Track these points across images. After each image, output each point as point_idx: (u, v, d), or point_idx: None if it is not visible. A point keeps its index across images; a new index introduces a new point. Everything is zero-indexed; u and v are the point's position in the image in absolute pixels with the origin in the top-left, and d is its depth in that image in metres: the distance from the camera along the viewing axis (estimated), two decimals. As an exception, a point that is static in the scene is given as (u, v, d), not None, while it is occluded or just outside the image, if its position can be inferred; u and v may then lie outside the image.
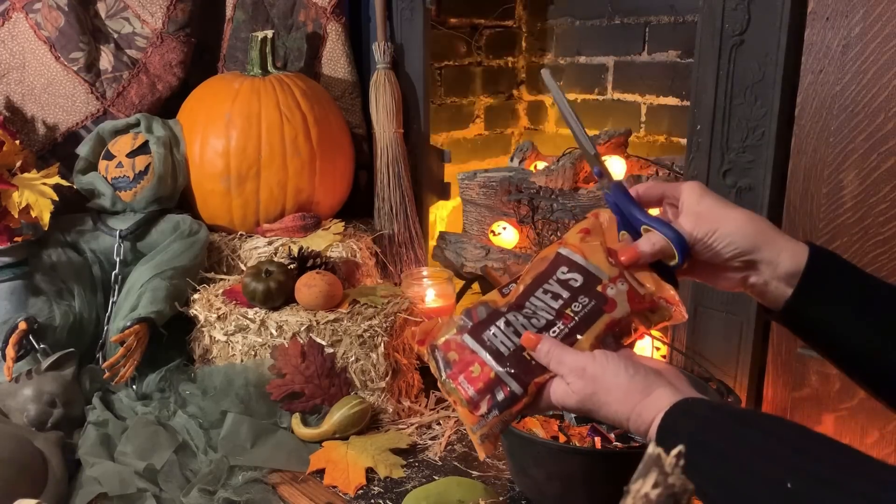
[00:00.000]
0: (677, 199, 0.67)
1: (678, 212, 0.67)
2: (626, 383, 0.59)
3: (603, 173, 0.70)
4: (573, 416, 1.05)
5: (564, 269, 0.67)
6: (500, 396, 0.65)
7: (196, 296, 1.30)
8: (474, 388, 0.65)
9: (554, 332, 0.65)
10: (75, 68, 1.45)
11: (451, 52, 1.86)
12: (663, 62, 1.68)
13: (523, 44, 2.00)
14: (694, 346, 1.16)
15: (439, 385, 0.69)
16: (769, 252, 0.63)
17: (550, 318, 0.66)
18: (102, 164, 1.42)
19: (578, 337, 0.65)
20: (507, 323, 0.67)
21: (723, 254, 0.64)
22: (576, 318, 0.65)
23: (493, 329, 0.67)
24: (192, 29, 1.55)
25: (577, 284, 0.66)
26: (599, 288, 0.65)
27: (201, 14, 1.58)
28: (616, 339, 0.65)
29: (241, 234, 1.49)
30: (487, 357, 0.66)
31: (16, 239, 1.28)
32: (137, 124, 1.45)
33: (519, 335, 0.66)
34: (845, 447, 0.50)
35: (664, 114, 1.71)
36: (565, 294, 0.66)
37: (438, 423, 1.23)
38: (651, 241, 0.65)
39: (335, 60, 1.65)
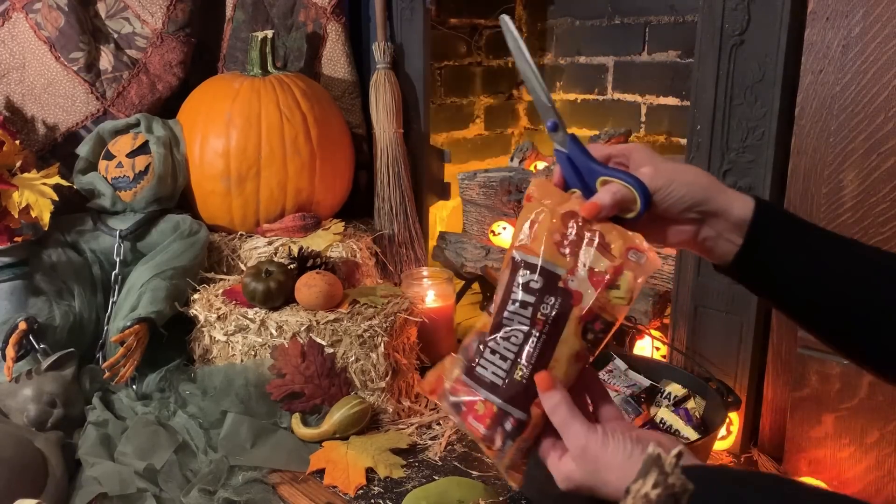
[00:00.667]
0: (626, 158, 0.68)
1: (630, 169, 0.67)
2: (626, 462, 0.59)
3: (559, 126, 0.68)
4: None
5: (524, 272, 0.65)
6: (509, 427, 0.64)
7: (196, 296, 1.30)
8: (483, 425, 0.65)
9: (532, 342, 0.64)
10: (75, 68, 1.45)
11: (451, 52, 1.86)
12: (663, 62, 1.68)
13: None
14: (694, 346, 1.16)
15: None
16: (722, 202, 0.64)
17: (526, 328, 0.64)
18: (102, 164, 1.42)
19: (557, 340, 0.64)
20: (493, 351, 0.65)
21: (678, 205, 0.64)
22: (547, 321, 0.63)
23: (481, 361, 0.66)
24: (192, 29, 1.55)
25: (539, 286, 0.64)
26: (561, 284, 0.64)
27: (201, 14, 1.58)
28: (595, 333, 0.64)
29: (241, 234, 1.49)
30: (485, 393, 0.65)
31: (16, 239, 1.28)
32: (137, 124, 1.45)
33: (507, 359, 0.64)
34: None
35: (664, 114, 1.71)
36: (531, 299, 0.64)
37: (438, 423, 1.23)
38: (611, 191, 0.64)
39: (335, 60, 1.65)
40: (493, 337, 0.66)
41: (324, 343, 1.20)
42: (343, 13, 1.64)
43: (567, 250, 0.64)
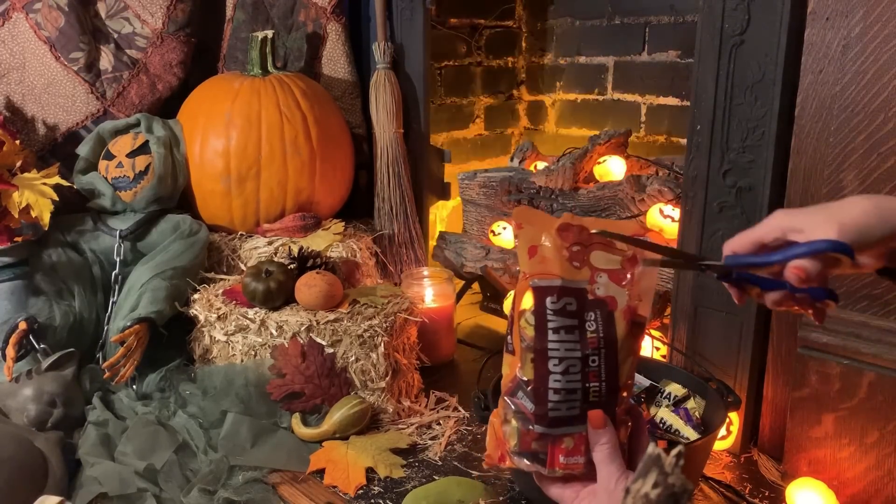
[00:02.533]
0: (791, 232, 0.62)
1: (799, 239, 0.62)
2: None
3: (722, 269, 0.64)
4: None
5: (552, 298, 0.62)
6: None
7: (196, 296, 1.30)
8: (581, 454, 0.62)
9: (593, 362, 0.61)
10: (75, 68, 1.45)
11: (451, 52, 1.86)
12: (663, 62, 1.68)
13: (523, 44, 2.00)
14: (694, 346, 1.16)
15: (547, 475, 0.65)
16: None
17: (579, 353, 0.61)
18: (102, 164, 1.42)
19: (616, 350, 0.62)
20: (556, 391, 0.61)
21: (878, 240, 0.61)
22: (599, 336, 0.62)
23: (549, 405, 0.61)
24: (192, 29, 1.55)
25: (575, 306, 0.62)
26: (590, 296, 0.63)
27: (201, 14, 1.58)
28: (640, 327, 0.63)
29: (241, 234, 1.49)
30: (568, 428, 0.62)
31: (16, 239, 1.28)
32: (137, 124, 1.45)
33: (575, 391, 0.61)
34: None
35: (664, 114, 1.71)
36: (573, 322, 0.62)
37: (438, 423, 1.23)
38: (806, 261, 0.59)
39: (335, 60, 1.65)
40: (546, 378, 0.61)
41: (324, 343, 1.20)
42: (343, 13, 1.64)
43: (578, 262, 0.63)
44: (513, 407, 0.63)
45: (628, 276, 0.63)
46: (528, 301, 0.63)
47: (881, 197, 0.63)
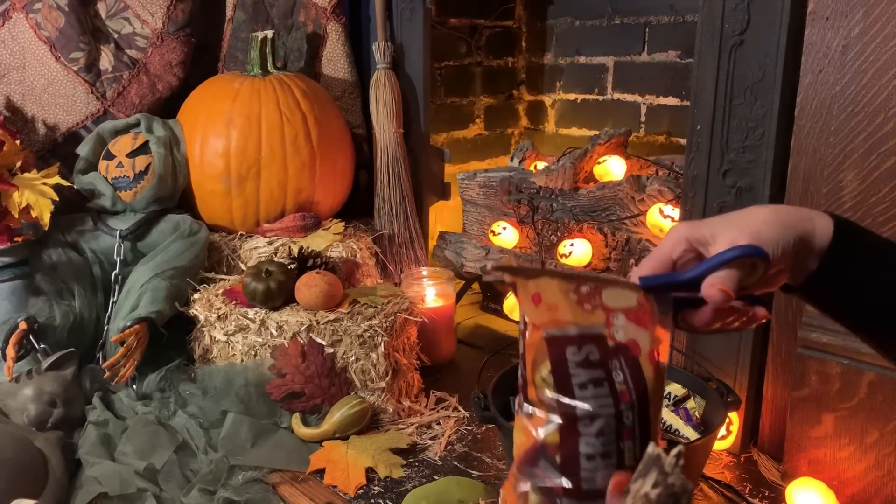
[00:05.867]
0: (699, 246, 0.60)
1: (708, 251, 0.59)
2: None
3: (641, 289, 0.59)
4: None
5: (571, 349, 0.54)
6: None
7: (196, 296, 1.30)
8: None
9: (628, 418, 0.54)
10: (75, 68, 1.45)
11: (451, 52, 1.86)
12: (663, 62, 1.68)
13: (523, 44, 2.00)
14: (694, 346, 1.16)
15: None
16: (808, 229, 0.59)
17: (611, 409, 0.54)
18: (103, 164, 1.42)
19: (648, 402, 0.55)
20: (589, 457, 0.53)
21: (785, 250, 0.58)
22: (629, 387, 0.54)
23: (582, 474, 0.54)
24: (192, 29, 1.55)
25: (598, 355, 0.54)
26: (610, 342, 0.55)
27: (201, 14, 1.58)
28: (661, 370, 0.57)
29: (241, 234, 1.49)
30: (606, 500, 0.53)
31: (16, 239, 1.28)
32: (138, 124, 1.45)
33: (607, 454, 0.54)
34: None
35: (664, 114, 1.71)
36: (599, 374, 0.54)
37: (438, 423, 1.23)
38: (722, 274, 0.56)
39: (335, 60, 1.65)
40: (576, 443, 0.54)
41: (324, 343, 1.20)
42: (343, 13, 1.64)
43: (589, 304, 0.56)
44: (533, 480, 0.55)
45: (642, 309, 0.56)
46: (543, 356, 0.55)
47: (779, 206, 0.61)
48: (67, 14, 1.42)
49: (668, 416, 1.05)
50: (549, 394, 0.54)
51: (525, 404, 0.56)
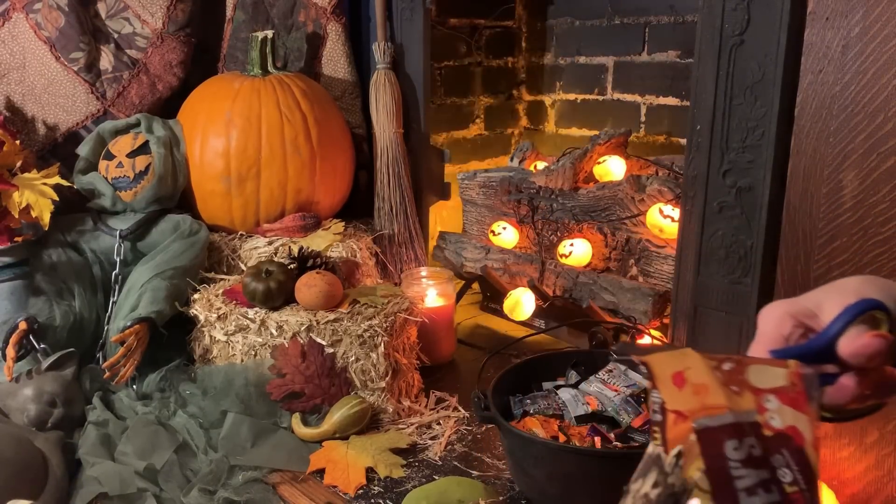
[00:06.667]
0: (808, 318, 0.54)
1: (817, 321, 0.53)
2: None
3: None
4: (573, 415, 1.05)
5: (731, 442, 0.45)
6: None
7: (196, 296, 1.30)
8: None
9: None
10: (75, 68, 1.45)
11: (451, 52, 1.86)
12: (663, 62, 1.68)
13: (523, 44, 2.00)
14: (694, 346, 1.15)
15: None
16: None
17: None
18: (103, 164, 1.42)
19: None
20: None
21: None
22: (801, 488, 0.45)
23: None
24: (192, 29, 1.55)
25: (760, 450, 0.45)
26: (766, 431, 0.46)
27: (201, 14, 1.58)
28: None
29: (241, 234, 1.49)
30: None
31: (16, 239, 1.28)
32: (138, 124, 1.45)
33: None
34: None
35: (664, 114, 1.71)
36: (766, 474, 0.44)
37: (438, 423, 1.23)
38: (865, 335, 0.49)
39: (335, 60, 1.65)
40: None
41: (324, 343, 1.20)
42: (343, 13, 1.64)
43: (735, 386, 0.47)
44: None
45: (796, 389, 0.47)
46: (693, 453, 0.45)
47: (864, 276, 0.56)
48: (67, 14, 1.42)
49: (668, 416, 1.04)
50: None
51: None
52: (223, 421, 1.13)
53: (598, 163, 1.51)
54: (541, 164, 1.65)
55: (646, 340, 1.30)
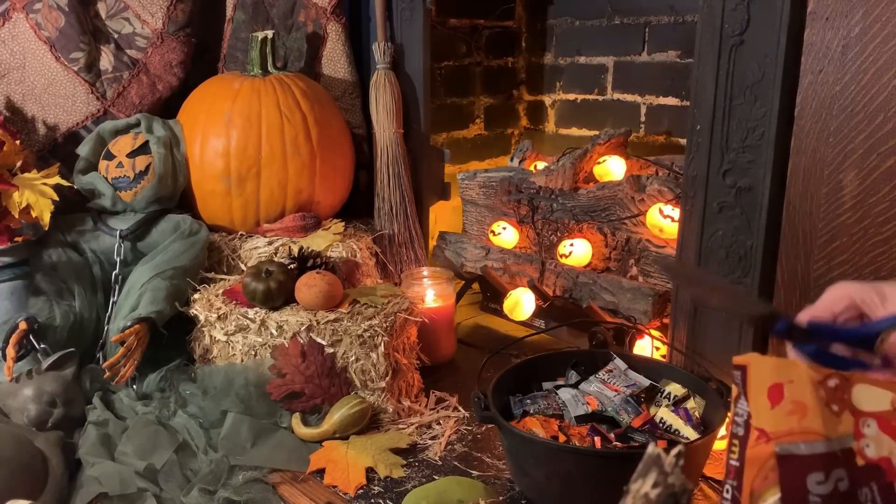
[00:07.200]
0: (864, 305, 0.55)
1: (875, 312, 0.54)
2: None
3: (789, 325, 0.54)
4: (573, 415, 1.05)
5: (815, 476, 0.40)
6: None
7: (196, 296, 1.30)
8: None
9: None
10: (75, 68, 1.45)
11: (451, 52, 1.86)
12: (663, 62, 1.68)
13: (523, 44, 2.00)
14: (694, 346, 1.16)
15: None
16: None
17: None
18: (103, 164, 1.42)
19: None
20: None
21: None
22: None
23: None
24: (192, 29, 1.55)
25: (847, 483, 0.40)
26: (859, 460, 0.41)
27: (201, 14, 1.58)
28: None
29: (241, 234, 1.49)
30: None
31: (16, 239, 1.28)
32: (138, 124, 1.45)
33: None
34: None
35: (664, 114, 1.71)
36: None
37: (438, 423, 1.23)
38: None
39: (335, 60, 1.65)
40: None
41: (324, 343, 1.20)
42: (343, 13, 1.64)
43: (835, 405, 0.43)
44: None
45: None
46: (770, 480, 0.40)
47: None
48: (67, 14, 1.42)
49: (668, 415, 1.05)
50: None
51: None
52: (223, 421, 1.13)
53: (598, 163, 1.51)
54: (541, 164, 1.65)
55: (646, 340, 1.30)
